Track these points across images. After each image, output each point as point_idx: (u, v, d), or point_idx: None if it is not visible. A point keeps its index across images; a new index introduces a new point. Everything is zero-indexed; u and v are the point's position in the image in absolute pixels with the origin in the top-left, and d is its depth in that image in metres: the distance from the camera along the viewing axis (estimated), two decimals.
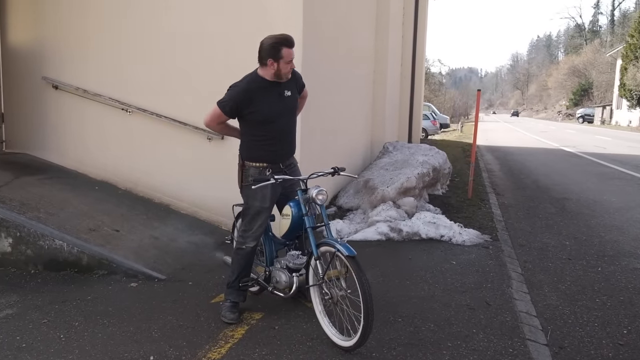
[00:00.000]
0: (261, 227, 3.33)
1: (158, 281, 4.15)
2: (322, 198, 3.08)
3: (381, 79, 9.43)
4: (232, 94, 3.20)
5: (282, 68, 3.13)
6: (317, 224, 3.14)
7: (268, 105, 3.19)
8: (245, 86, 3.19)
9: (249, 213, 3.33)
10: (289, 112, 3.33)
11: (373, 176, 6.89)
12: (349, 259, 2.81)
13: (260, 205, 3.28)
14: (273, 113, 3.20)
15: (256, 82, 3.19)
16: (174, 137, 5.71)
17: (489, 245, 5.10)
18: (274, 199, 3.33)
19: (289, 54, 3.10)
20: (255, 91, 3.16)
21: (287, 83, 3.26)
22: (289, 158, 3.40)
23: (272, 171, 3.25)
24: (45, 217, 4.66)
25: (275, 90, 3.22)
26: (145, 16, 5.69)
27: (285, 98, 3.26)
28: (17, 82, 6.23)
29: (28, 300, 3.78)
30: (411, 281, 4.09)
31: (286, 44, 3.09)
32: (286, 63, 3.11)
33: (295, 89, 3.35)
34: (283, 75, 3.17)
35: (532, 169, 11.75)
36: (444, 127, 28.77)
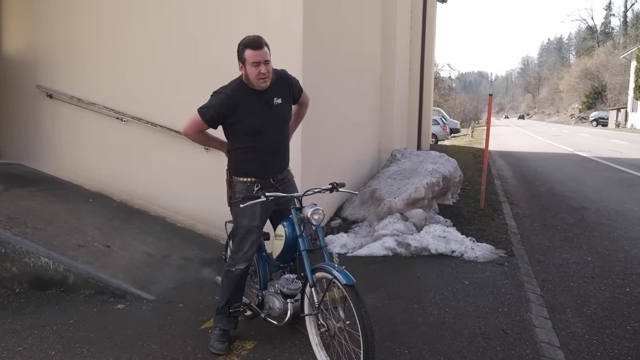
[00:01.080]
0: (252, 247, 3.04)
1: (147, 302, 3.88)
2: (317, 218, 2.78)
3: (388, 84, 9.12)
4: (214, 100, 2.90)
5: (248, 72, 2.81)
6: (313, 246, 2.83)
7: (254, 115, 2.89)
8: (229, 92, 2.89)
9: (239, 232, 3.05)
10: (279, 122, 3.00)
11: (380, 186, 6.57)
12: (347, 288, 2.51)
13: (249, 224, 2.99)
14: (260, 123, 2.90)
15: (241, 89, 2.89)
16: (171, 148, 5.46)
17: (504, 262, 4.75)
18: (264, 217, 3.04)
19: (252, 56, 2.76)
20: (239, 98, 2.87)
21: (275, 90, 2.94)
22: (282, 172, 3.08)
23: (262, 187, 2.96)
24: (32, 232, 4.41)
25: (262, 98, 2.91)
26: (140, 23, 5.46)
27: (275, 107, 2.94)
28: (11, 90, 6.03)
29: (7, 323, 3.53)
30: (419, 304, 3.76)
31: (249, 45, 2.77)
32: (252, 66, 2.78)
33: (287, 96, 3.03)
34: (252, 81, 2.83)
35: (546, 176, 11.35)
36: (454, 132, 28.38)
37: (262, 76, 2.79)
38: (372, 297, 3.90)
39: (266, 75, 2.80)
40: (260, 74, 2.78)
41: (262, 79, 2.80)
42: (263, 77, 2.79)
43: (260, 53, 2.76)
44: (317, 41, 5.43)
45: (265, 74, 2.79)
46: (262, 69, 2.77)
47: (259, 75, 2.78)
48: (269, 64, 2.81)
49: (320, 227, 2.85)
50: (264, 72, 2.78)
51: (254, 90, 2.87)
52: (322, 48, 5.67)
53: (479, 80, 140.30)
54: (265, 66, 2.78)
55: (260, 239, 3.13)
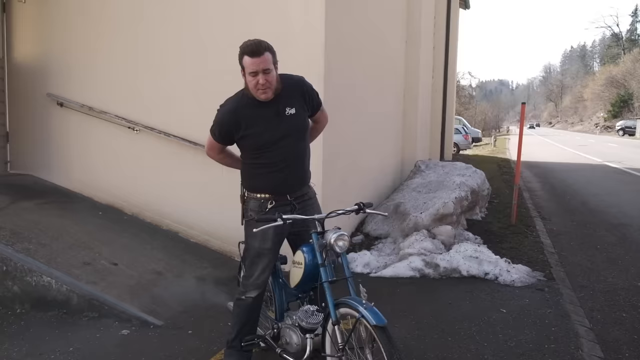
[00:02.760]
0: (264, 273, 2.71)
1: (154, 328, 3.57)
2: (342, 244, 2.41)
3: (412, 92, 8.74)
4: (217, 116, 2.64)
5: (247, 81, 2.50)
6: (336, 277, 2.46)
7: (263, 127, 2.57)
8: (229, 107, 2.61)
9: (249, 255, 2.74)
10: (295, 134, 2.64)
11: (404, 199, 6.20)
12: (378, 330, 2.15)
13: (260, 247, 2.67)
14: (269, 136, 2.58)
15: (243, 100, 2.58)
16: (184, 159, 5.17)
17: (543, 287, 4.33)
18: (278, 239, 2.70)
19: (249, 65, 2.43)
20: (242, 111, 2.57)
21: (287, 99, 2.60)
22: (300, 188, 2.74)
23: (276, 204, 2.63)
24: (36, 248, 4.15)
25: (270, 108, 2.57)
26: (153, 30, 5.22)
27: (287, 117, 2.60)
28: (22, 99, 5.85)
29: (3, 349, 3.26)
30: (453, 337, 3.37)
31: (246, 51, 2.44)
32: (250, 76, 2.46)
33: (302, 105, 2.67)
34: (251, 90, 2.51)
35: (577, 188, 10.81)
36: (476, 141, 27.79)
37: (261, 87, 2.46)
38: (400, 327, 3.53)
39: (266, 86, 2.47)
40: (258, 85, 2.46)
41: (262, 90, 2.48)
42: (262, 88, 2.47)
43: (257, 61, 2.42)
44: (339, 47, 5.11)
45: (263, 84, 2.45)
46: (260, 79, 2.44)
47: (256, 86, 2.47)
48: (269, 73, 2.46)
49: (345, 254, 2.49)
50: (262, 82, 2.45)
51: (260, 101, 2.55)
52: (345, 54, 5.34)
53: (500, 88, 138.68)
54: (264, 76, 2.44)
55: (273, 264, 2.79)
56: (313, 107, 2.75)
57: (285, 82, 2.60)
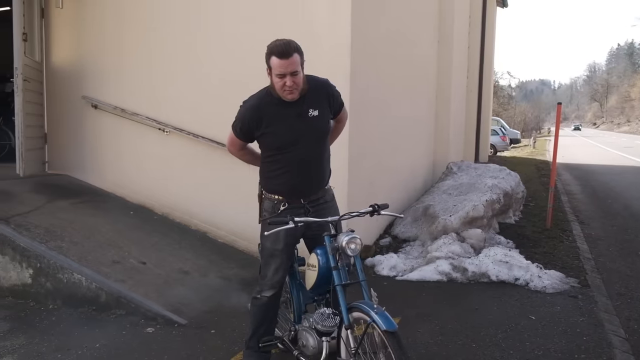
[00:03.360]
0: (277, 273, 2.70)
1: (178, 326, 3.61)
2: (354, 248, 2.38)
3: (445, 93, 8.59)
4: (240, 112, 2.63)
5: (273, 82, 2.47)
6: (350, 280, 2.43)
7: (284, 127, 2.55)
8: (253, 103, 2.58)
9: (263, 255, 2.75)
10: (315, 136, 2.62)
11: (434, 202, 6.08)
12: (388, 335, 2.10)
13: (272, 247, 2.67)
14: (290, 136, 2.55)
15: (267, 98, 2.56)
16: (213, 160, 5.24)
17: (577, 294, 4.15)
18: (290, 241, 2.69)
19: (277, 66, 2.39)
20: (265, 109, 2.54)
21: (312, 100, 2.57)
22: (316, 192, 2.71)
23: (289, 207, 2.61)
24: (68, 246, 4.29)
25: (294, 109, 2.54)
26: (182, 33, 5.31)
27: (309, 119, 2.57)
28: (59, 101, 6.05)
29: (34, 344, 3.37)
30: (478, 343, 3.27)
31: (275, 51, 2.39)
32: (278, 77, 2.42)
33: (326, 108, 2.64)
34: (278, 91, 2.48)
35: (620, 192, 10.36)
36: (514, 143, 27.09)
37: (288, 89, 2.44)
38: (423, 331, 3.46)
39: (293, 87, 2.44)
40: (285, 86, 2.43)
41: (288, 92, 2.46)
42: (289, 90, 2.44)
43: (286, 63, 2.38)
44: (366, 49, 5.06)
45: (291, 86, 2.43)
46: (288, 81, 2.41)
47: (283, 87, 2.44)
48: (297, 75, 2.43)
49: (358, 257, 2.45)
50: (289, 84, 2.42)
51: (284, 100, 2.53)
52: (371, 56, 5.29)
53: (541, 88, 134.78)
54: (291, 78, 2.41)
55: (287, 265, 2.77)
56: (336, 109, 2.74)
57: (311, 84, 2.58)
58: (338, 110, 2.77)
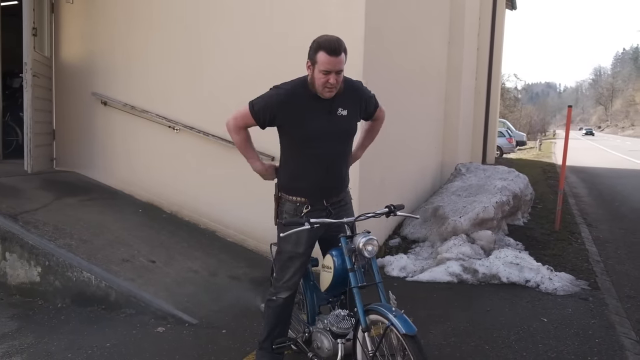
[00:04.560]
0: (295, 276, 2.66)
1: (188, 326, 3.60)
2: (371, 249, 2.34)
3: (454, 95, 8.56)
4: (269, 93, 2.53)
5: (315, 77, 2.40)
6: (366, 282, 2.39)
7: (311, 121, 2.48)
8: (288, 89, 2.50)
9: (281, 258, 2.69)
10: (341, 136, 2.58)
11: (443, 203, 6.06)
12: (408, 339, 2.08)
13: (292, 250, 2.61)
14: (317, 131, 2.49)
15: (302, 89, 2.49)
16: (222, 158, 5.22)
17: (587, 296, 4.12)
18: (311, 243, 2.65)
19: (324, 62, 2.34)
20: (298, 99, 2.48)
21: (342, 100, 2.52)
22: (338, 194, 2.67)
23: (312, 209, 2.56)
24: (77, 244, 4.28)
25: (325, 105, 2.49)
26: (192, 30, 5.29)
27: (337, 117, 2.52)
28: (68, 97, 6.04)
29: (43, 343, 3.35)
30: (491, 345, 3.24)
31: (325, 47, 2.34)
32: (322, 73, 2.36)
33: (356, 109, 2.61)
34: (317, 87, 2.42)
35: (626, 195, 10.31)
36: (520, 145, 27.00)
37: (330, 86, 2.40)
38: (436, 333, 3.43)
39: (334, 85, 2.40)
40: (327, 83, 2.39)
41: (328, 89, 2.42)
42: (330, 87, 2.40)
43: (335, 61, 2.34)
44: (379, 46, 5.04)
45: (333, 84, 2.39)
46: (332, 79, 2.37)
47: (325, 84, 2.39)
48: (340, 74, 2.41)
49: (375, 259, 2.41)
50: (332, 82, 2.38)
51: (317, 96, 2.48)
52: (384, 53, 5.27)
53: (547, 91, 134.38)
54: (336, 76, 2.38)
55: (305, 267, 2.74)
56: (370, 111, 2.73)
57: (346, 84, 2.55)
58: (373, 111, 2.75)
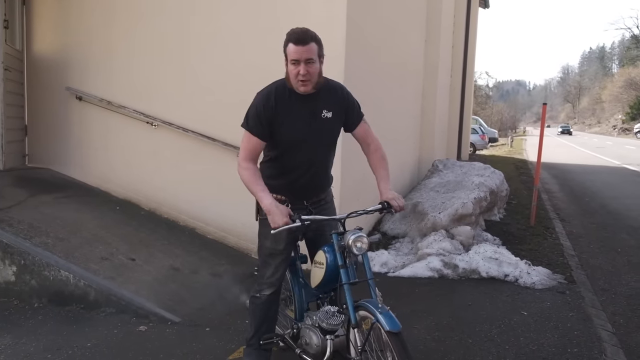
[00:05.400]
0: (277, 272, 2.64)
1: (171, 324, 3.55)
2: (360, 246, 2.33)
3: (431, 91, 8.67)
4: (253, 102, 2.46)
5: (288, 70, 2.35)
6: (358, 279, 2.38)
7: (295, 124, 2.42)
8: (269, 90, 2.43)
9: (261, 254, 2.67)
10: (325, 139, 2.53)
11: (422, 199, 6.13)
12: (392, 337, 2.09)
13: (272, 247, 2.59)
14: (300, 134, 2.44)
15: (282, 89, 2.43)
16: (202, 154, 5.16)
17: (564, 290, 4.24)
18: (292, 239, 2.62)
19: (292, 52, 2.28)
20: (280, 99, 2.41)
21: (327, 101, 2.46)
22: (319, 195, 2.65)
23: (292, 207, 2.49)
24: (54, 243, 4.16)
25: (308, 106, 2.43)
26: (173, 23, 5.19)
27: (322, 119, 2.46)
28: (41, 92, 5.86)
29: (21, 344, 3.25)
30: (474, 339, 3.31)
31: (292, 38, 2.29)
32: (292, 65, 2.31)
33: (340, 111, 2.52)
34: (291, 81, 2.36)
35: (596, 191, 10.63)
36: (492, 142, 27.52)
37: (301, 78, 2.31)
38: (420, 328, 3.48)
39: (306, 77, 2.32)
40: (299, 75, 2.31)
41: (301, 82, 2.33)
42: (302, 79, 2.32)
43: (301, 50, 2.27)
44: (360, 44, 5.05)
45: (304, 75, 2.30)
46: (302, 69, 2.29)
47: (297, 76, 2.32)
48: (312, 64, 2.31)
49: (367, 256, 2.41)
50: (302, 73, 2.30)
51: (298, 95, 2.41)
52: (365, 52, 5.29)
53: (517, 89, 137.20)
54: (305, 66, 2.29)
55: (287, 263, 2.72)
56: (354, 118, 2.58)
57: (329, 85, 2.49)
58: (357, 121, 2.59)
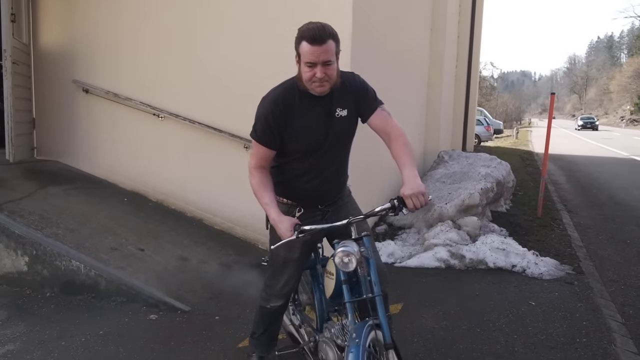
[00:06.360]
0: (289, 283, 2.41)
1: (181, 313, 3.59)
2: (339, 262, 2.01)
3: (436, 81, 8.63)
4: (259, 109, 2.19)
5: (302, 71, 2.07)
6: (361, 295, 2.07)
7: (310, 128, 2.18)
8: (276, 94, 2.17)
9: (273, 264, 2.46)
10: (340, 141, 2.27)
11: (428, 190, 6.11)
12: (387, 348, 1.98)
13: (285, 256, 2.34)
14: (315, 140, 2.19)
15: (293, 91, 2.16)
16: (208, 146, 5.18)
17: (572, 281, 4.24)
18: (308, 247, 2.38)
19: (307, 53, 2.00)
20: (290, 102, 2.15)
21: (341, 98, 2.19)
22: (334, 198, 2.39)
23: (306, 211, 2.29)
24: (64, 233, 4.21)
25: (323, 106, 2.17)
26: (179, 15, 5.19)
27: (337, 120, 2.19)
28: (48, 85, 5.89)
29: (35, 332, 3.31)
30: (482, 328, 3.32)
31: (306, 36, 2.00)
32: (306, 66, 2.03)
33: (353, 105, 2.23)
34: (305, 83, 2.09)
35: (604, 182, 10.58)
36: (497, 133, 27.40)
37: (317, 81, 2.05)
38: (428, 317, 3.50)
39: (323, 79, 2.05)
40: (314, 77, 2.04)
41: (318, 84, 2.07)
42: (318, 82, 2.05)
43: (318, 51, 1.99)
44: (366, 34, 5.04)
45: (321, 78, 2.04)
46: (319, 72, 2.02)
47: (312, 79, 2.05)
48: (330, 65, 2.03)
49: (373, 265, 2.06)
50: (319, 76, 2.03)
51: (310, 96, 2.14)
52: (371, 41, 5.27)
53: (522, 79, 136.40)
54: (322, 69, 2.01)
55: (300, 273, 2.48)
56: (367, 106, 2.25)
57: (343, 78, 2.20)
58: (371, 108, 2.24)
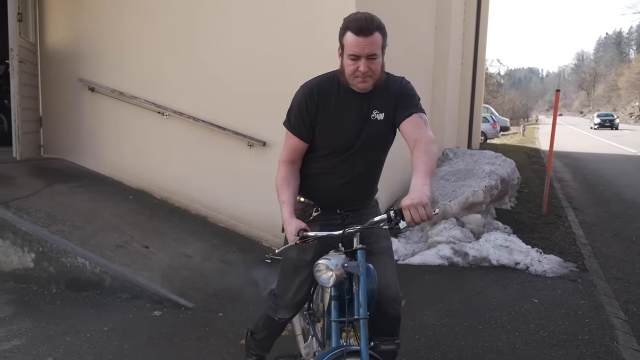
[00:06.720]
0: (299, 291, 2.21)
1: (185, 310, 3.62)
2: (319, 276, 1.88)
3: (441, 79, 8.61)
4: (295, 97, 2.07)
5: (344, 63, 1.93)
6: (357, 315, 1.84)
7: (341, 125, 2.02)
8: (314, 83, 2.04)
9: (284, 268, 2.26)
10: (373, 145, 2.07)
11: (433, 187, 6.11)
12: None
13: (298, 257, 2.15)
14: (346, 138, 2.03)
15: (333, 83, 2.02)
16: (212, 144, 5.22)
17: (576, 278, 4.24)
18: (323, 249, 2.09)
19: (352, 45, 1.86)
20: (327, 95, 2.01)
21: (381, 100, 2.01)
22: (355, 205, 2.18)
23: (323, 213, 2.13)
24: (70, 230, 4.26)
25: (359, 105, 2.01)
26: (182, 14, 5.22)
27: (371, 122, 2.02)
28: (54, 84, 5.94)
29: (41, 327, 3.35)
30: (484, 325, 3.33)
31: (352, 26, 1.85)
32: (350, 59, 1.89)
33: (392, 112, 2.03)
34: (347, 77, 1.95)
35: (610, 179, 10.52)
36: (503, 130, 27.28)
37: (360, 75, 1.90)
38: (430, 314, 3.51)
39: (367, 74, 1.90)
40: (357, 71, 1.90)
41: (361, 79, 1.92)
42: (361, 77, 1.91)
43: (363, 43, 1.85)
44: None
45: (364, 73, 1.89)
46: (362, 65, 1.87)
47: (354, 73, 1.91)
48: (375, 59, 1.89)
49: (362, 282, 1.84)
50: (363, 70, 1.88)
51: (351, 90, 2.00)
52: None
53: (529, 76, 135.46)
54: (367, 62, 1.88)
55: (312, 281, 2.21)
56: (403, 110, 2.02)
57: (389, 80, 2.06)
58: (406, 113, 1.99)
